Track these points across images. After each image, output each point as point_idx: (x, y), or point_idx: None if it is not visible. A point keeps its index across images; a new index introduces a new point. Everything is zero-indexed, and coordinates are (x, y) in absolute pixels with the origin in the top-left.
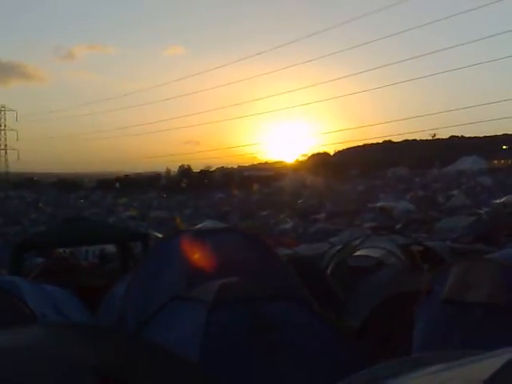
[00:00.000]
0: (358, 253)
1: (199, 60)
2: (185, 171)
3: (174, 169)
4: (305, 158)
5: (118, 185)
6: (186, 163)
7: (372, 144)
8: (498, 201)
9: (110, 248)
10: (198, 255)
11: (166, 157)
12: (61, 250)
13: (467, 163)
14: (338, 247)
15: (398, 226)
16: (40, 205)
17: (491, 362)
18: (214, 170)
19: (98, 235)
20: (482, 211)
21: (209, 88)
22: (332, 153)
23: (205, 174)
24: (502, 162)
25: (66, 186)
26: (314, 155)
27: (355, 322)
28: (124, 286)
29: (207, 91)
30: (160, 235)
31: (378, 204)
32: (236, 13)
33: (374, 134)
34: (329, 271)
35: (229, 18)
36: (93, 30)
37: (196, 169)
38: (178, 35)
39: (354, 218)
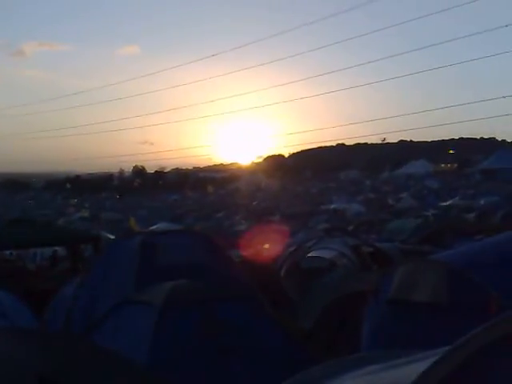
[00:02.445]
0: (310, 254)
1: (154, 60)
2: (138, 172)
3: (128, 169)
4: (260, 160)
5: (68, 185)
6: (140, 164)
7: (326, 147)
8: (444, 203)
9: (62, 250)
10: (149, 257)
11: (120, 157)
12: (7, 253)
13: (415, 167)
14: (292, 249)
15: (349, 228)
16: None
17: (420, 365)
18: (169, 171)
19: (46, 237)
20: (429, 213)
21: (164, 88)
22: (287, 155)
23: (159, 174)
24: (449, 165)
25: (13, 187)
26: (269, 157)
27: (308, 323)
28: (73, 288)
29: (163, 91)
30: (112, 237)
31: (332, 206)
32: (192, 13)
33: (328, 137)
34: (283, 272)
35: (185, 18)
36: (44, 28)
37: (150, 170)
38: (133, 34)
39: (308, 220)
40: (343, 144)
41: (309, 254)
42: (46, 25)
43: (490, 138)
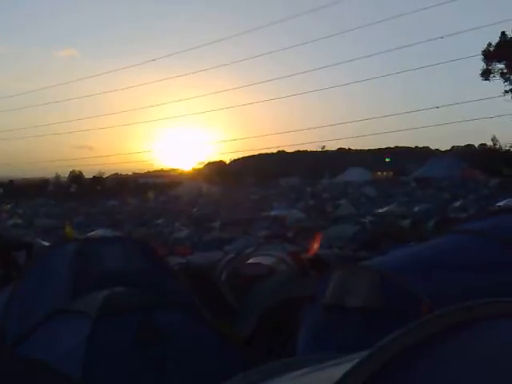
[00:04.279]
0: (250, 260)
1: (93, 63)
2: (75, 177)
3: (64, 175)
4: (201, 166)
5: (0, 190)
6: (77, 169)
7: (267, 154)
8: (380, 210)
9: None
10: (84, 265)
11: (56, 162)
12: None
13: (353, 174)
14: (232, 255)
15: (289, 235)
16: None
17: (345, 367)
18: (108, 177)
19: None
20: (366, 220)
21: (103, 92)
22: (228, 161)
23: (97, 180)
24: (385, 173)
25: None
26: (210, 163)
27: (246, 329)
28: (5, 297)
29: (101, 95)
30: (47, 244)
31: (272, 213)
32: (132, 17)
33: (269, 144)
34: (222, 279)
35: (125, 22)
36: None
37: (89, 175)
38: (72, 36)
39: (249, 227)
40: (284, 151)
41: (248, 261)
42: None
43: (424, 148)
